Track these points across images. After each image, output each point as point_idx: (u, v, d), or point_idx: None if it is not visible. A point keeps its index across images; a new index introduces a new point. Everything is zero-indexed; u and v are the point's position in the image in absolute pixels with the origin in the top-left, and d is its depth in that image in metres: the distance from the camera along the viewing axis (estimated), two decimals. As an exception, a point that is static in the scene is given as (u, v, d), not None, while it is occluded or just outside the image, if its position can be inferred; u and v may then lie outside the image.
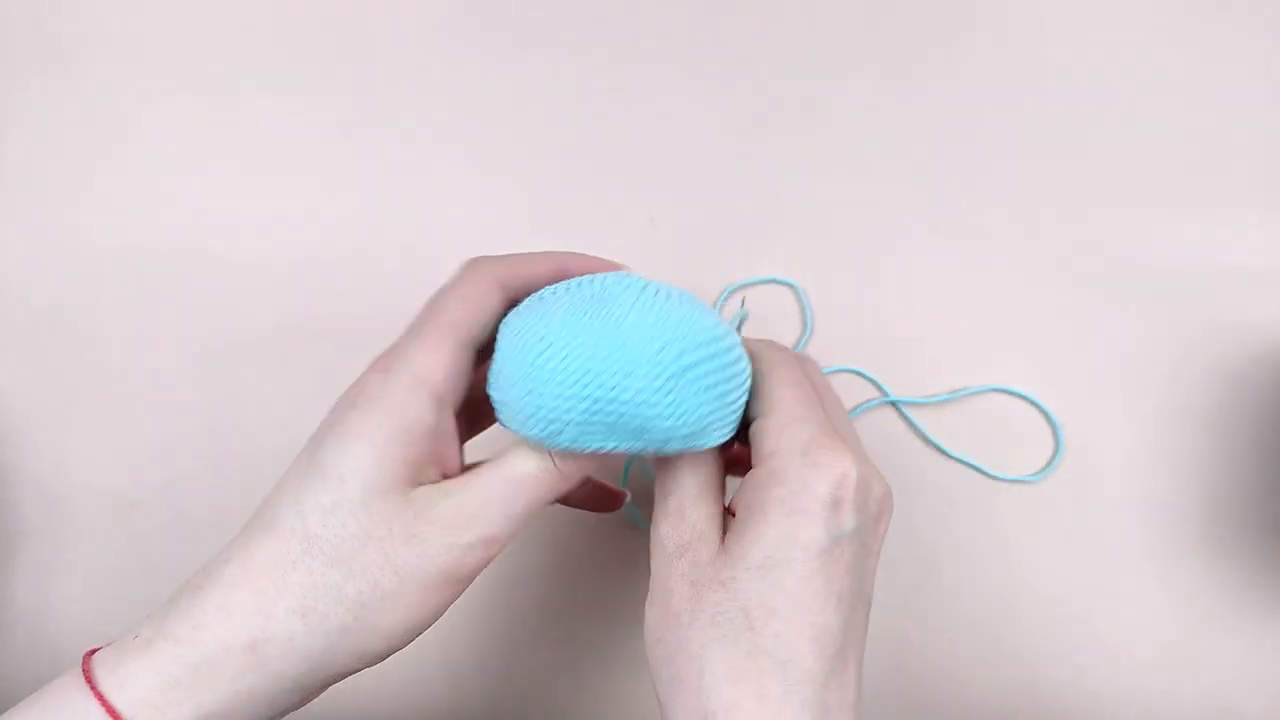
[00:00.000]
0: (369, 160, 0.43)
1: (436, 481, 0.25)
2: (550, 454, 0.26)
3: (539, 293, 0.27)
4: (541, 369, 0.24)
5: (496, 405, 0.26)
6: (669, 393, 0.24)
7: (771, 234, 0.42)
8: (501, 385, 0.25)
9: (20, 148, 0.43)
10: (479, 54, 0.44)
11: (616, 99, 0.43)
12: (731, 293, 0.42)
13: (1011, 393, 0.41)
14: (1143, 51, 0.43)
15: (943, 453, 0.41)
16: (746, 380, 0.27)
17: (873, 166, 0.43)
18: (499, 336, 0.26)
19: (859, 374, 0.41)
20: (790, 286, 0.42)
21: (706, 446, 0.26)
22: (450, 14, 0.44)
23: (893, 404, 0.41)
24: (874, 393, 0.41)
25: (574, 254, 0.28)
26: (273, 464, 0.41)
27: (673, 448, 0.25)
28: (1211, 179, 0.42)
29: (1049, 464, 0.41)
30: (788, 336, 0.42)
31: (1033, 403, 0.41)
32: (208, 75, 0.44)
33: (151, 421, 0.42)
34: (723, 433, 0.26)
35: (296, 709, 0.24)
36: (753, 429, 0.27)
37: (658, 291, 0.25)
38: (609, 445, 0.24)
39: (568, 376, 0.24)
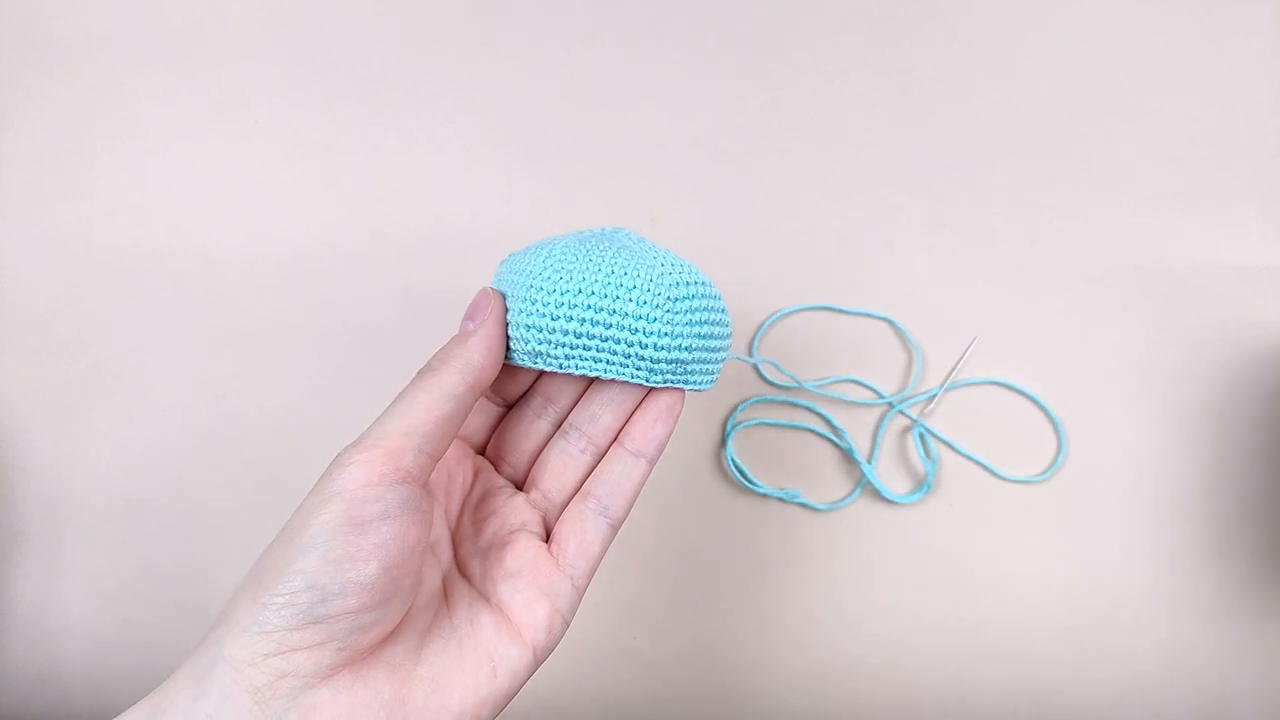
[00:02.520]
0: (369, 160, 0.43)
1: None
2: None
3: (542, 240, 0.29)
4: (542, 287, 0.26)
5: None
6: (659, 318, 0.25)
7: (771, 233, 0.42)
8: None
9: (20, 148, 0.43)
10: (479, 54, 0.44)
11: (617, 98, 0.43)
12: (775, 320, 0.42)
13: (1012, 388, 0.41)
14: (1143, 51, 0.43)
15: (953, 449, 0.41)
16: (728, 336, 0.29)
17: (873, 166, 0.43)
18: (498, 271, 0.28)
19: (859, 383, 0.41)
20: (833, 311, 0.42)
21: (689, 388, 0.27)
22: (450, 15, 0.44)
23: (896, 409, 0.41)
24: (873, 397, 0.41)
25: None
26: (272, 463, 0.42)
27: (658, 379, 0.26)
28: (1212, 179, 0.42)
29: (1053, 464, 0.41)
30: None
31: (1035, 401, 0.41)
32: (208, 75, 0.44)
33: (151, 421, 0.42)
34: (701, 379, 0.28)
35: None
36: None
37: (650, 241, 0.28)
38: (599, 369, 0.26)
39: (569, 289, 0.25)
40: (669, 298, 0.25)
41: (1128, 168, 0.42)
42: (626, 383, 0.28)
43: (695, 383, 0.27)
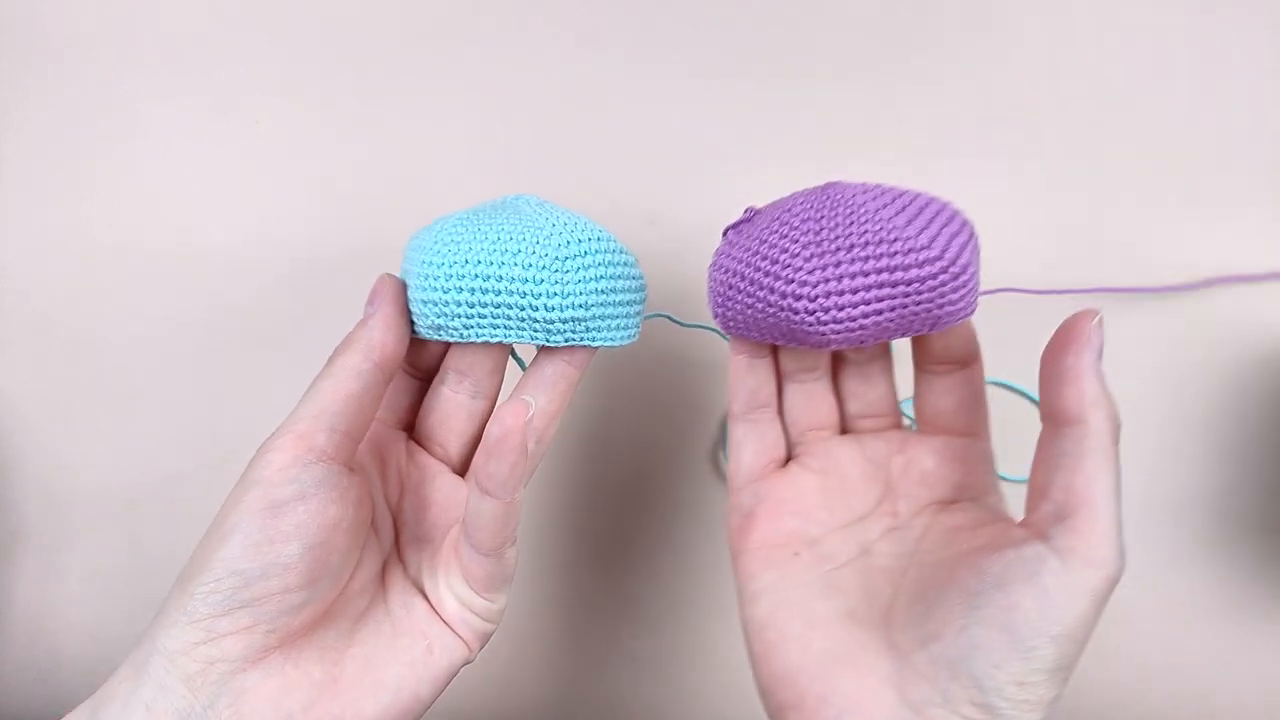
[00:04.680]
0: (368, 160, 0.43)
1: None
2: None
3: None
4: (431, 262, 0.26)
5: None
6: (547, 279, 0.25)
7: (772, 234, 0.42)
8: (408, 294, 0.28)
9: (20, 148, 0.43)
10: (479, 55, 0.44)
11: (617, 98, 0.43)
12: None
13: (1012, 388, 0.41)
14: (1145, 51, 0.43)
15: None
16: (640, 289, 0.29)
17: (874, 167, 0.43)
18: (404, 253, 0.29)
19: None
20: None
21: (596, 344, 0.27)
22: (450, 16, 0.44)
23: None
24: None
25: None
26: (273, 464, 0.42)
27: (559, 338, 0.26)
28: (1213, 179, 0.42)
29: (1049, 464, 0.41)
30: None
31: (1035, 401, 0.41)
32: (207, 75, 0.44)
33: (151, 421, 0.42)
34: (613, 335, 0.28)
35: None
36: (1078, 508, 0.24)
37: (552, 204, 0.28)
38: (498, 334, 0.26)
39: (456, 260, 0.26)
40: (557, 257, 0.26)
41: (1129, 168, 0.42)
42: (558, 363, 0.28)
43: (605, 339, 0.27)
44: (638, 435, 0.41)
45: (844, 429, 0.30)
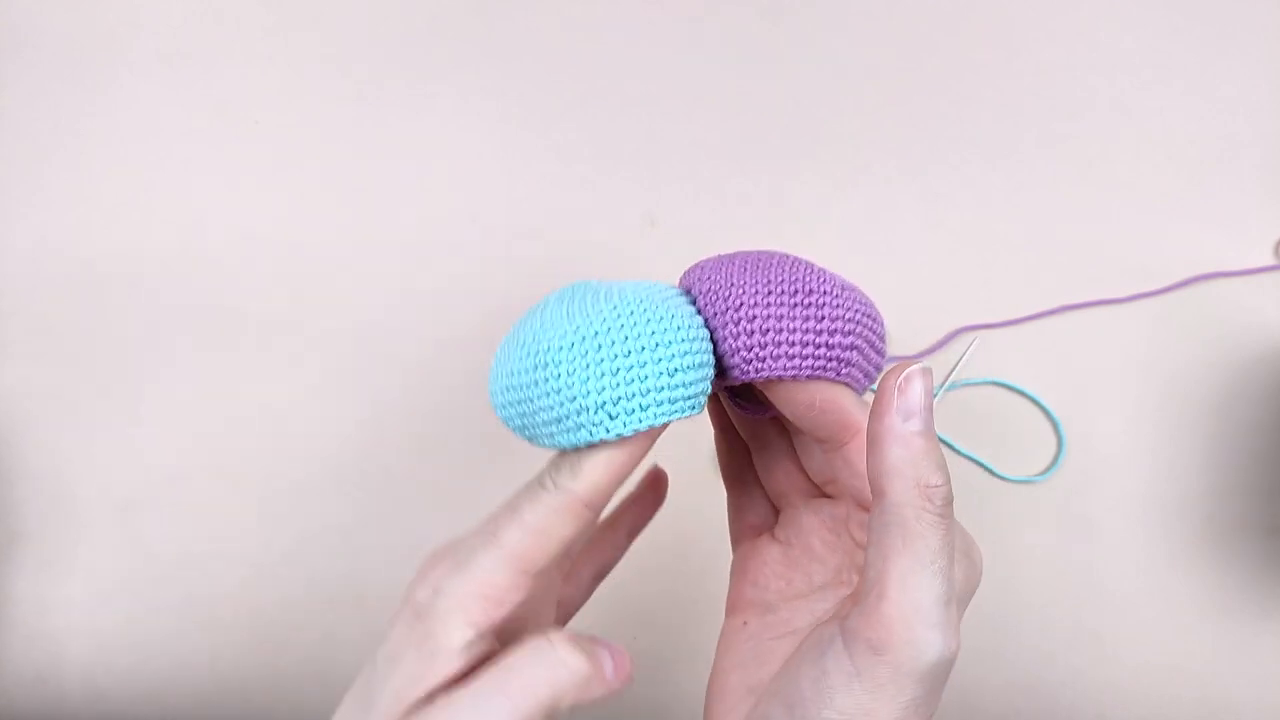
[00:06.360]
0: (368, 162, 0.43)
1: None
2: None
3: None
4: (491, 372, 0.24)
5: None
6: (536, 383, 0.22)
7: (770, 233, 0.42)
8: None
9: (20, 148, 0.43)
10: (479, 56, 0.44)
11: (617, 98, 0.43)
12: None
13: (1012, 388, 0.41)
14: (1144, 52, 0.43)
15: (952, 449, 0.41)
16: (706, 364, 0.24)
17: (874, 168, 0.43)
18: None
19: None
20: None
21: (644, 427, 0.22)
22: (450, 17, 0.44)
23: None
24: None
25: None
26: (272, 464, 0.42)
27: (584, 438, 0.22)
28: (1212, 179, 0.42)
29: (1053, 464, 0.40)
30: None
31: (1035, 401, 0.41)
32: (207, 77, 0.44)
33: (152, 422, 0.42)
34: (658, 412, 0.22)
35: None
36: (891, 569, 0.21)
37: (583, 289, 0.23)
38: (549, 440, 0.22)
39: (497, 378, 0.23)
40: (536, 366, 0.22)
41: (1128, 168, 0.42)
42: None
43: (648, 420, 0.23)
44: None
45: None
